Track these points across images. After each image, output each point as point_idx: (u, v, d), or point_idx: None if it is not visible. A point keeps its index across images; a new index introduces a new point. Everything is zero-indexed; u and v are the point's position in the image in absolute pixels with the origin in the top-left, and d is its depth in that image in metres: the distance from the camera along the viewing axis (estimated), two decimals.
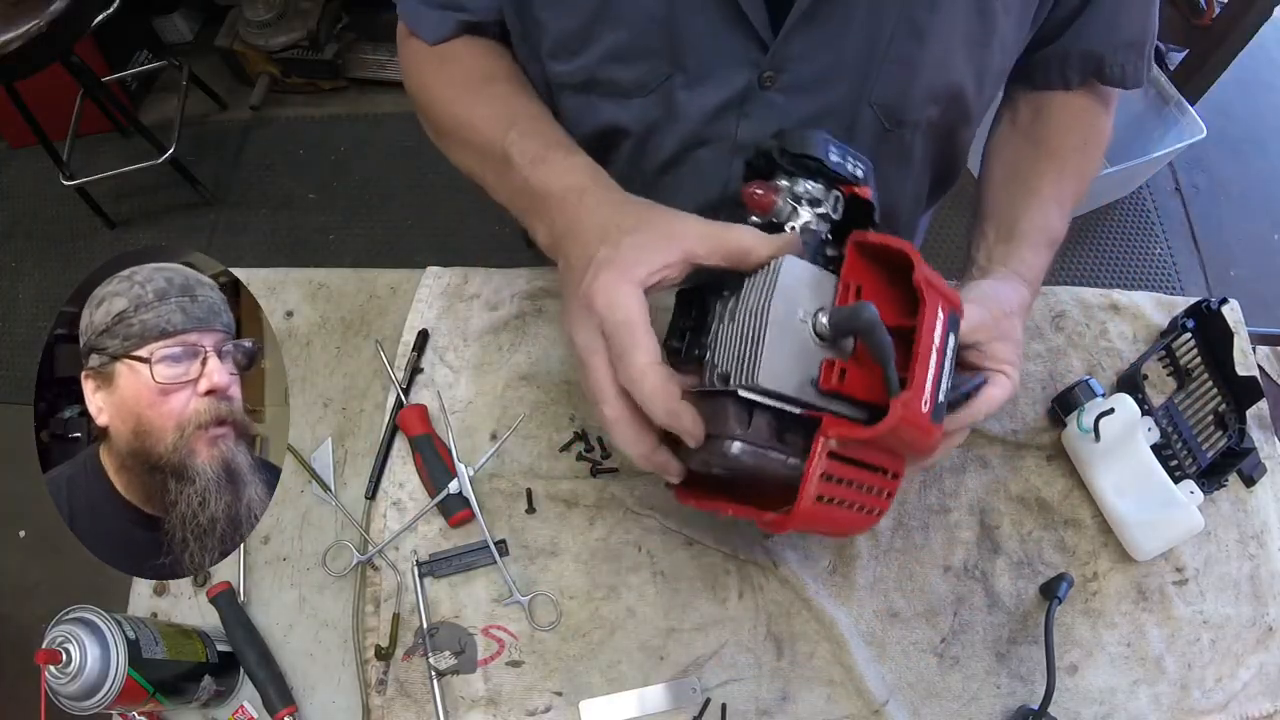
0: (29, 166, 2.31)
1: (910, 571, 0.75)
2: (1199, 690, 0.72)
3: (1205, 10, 1.88)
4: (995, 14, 0.63)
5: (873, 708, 0.70)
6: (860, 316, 0.47)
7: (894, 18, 0.61)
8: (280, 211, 2.24)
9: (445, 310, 0.87)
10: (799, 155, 0.55)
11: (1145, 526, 0.74)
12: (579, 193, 0.59)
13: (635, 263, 0.52)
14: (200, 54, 2.41)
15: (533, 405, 0.82)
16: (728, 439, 0.52)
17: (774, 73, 0.65)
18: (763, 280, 0.52)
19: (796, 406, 0.53)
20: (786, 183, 0.56)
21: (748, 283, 0.54)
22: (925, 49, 0.63)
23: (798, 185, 0.56)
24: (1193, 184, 2.20)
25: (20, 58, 1.64)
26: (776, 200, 0.56)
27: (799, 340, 0.51)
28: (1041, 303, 0.88)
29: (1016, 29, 0.67)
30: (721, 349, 0.54)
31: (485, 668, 0.71)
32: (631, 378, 0.51)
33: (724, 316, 0.55)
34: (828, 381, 0.51)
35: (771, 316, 0.50)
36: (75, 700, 0.58)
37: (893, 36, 0.62)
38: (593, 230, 0.56)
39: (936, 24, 0.62)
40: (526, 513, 0.77)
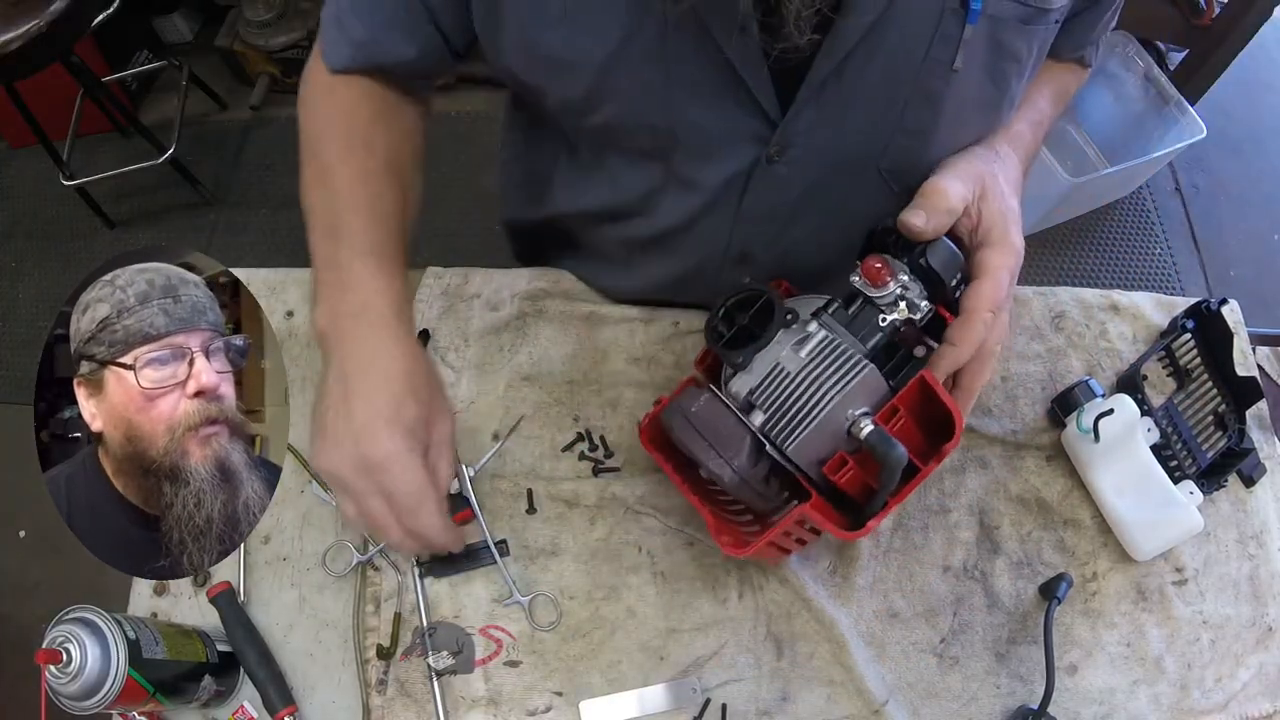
0: (29, 166, 2.31)
1: (910, 572, 0.75)
2: (1199, 690, 0.72)
3: (1205, 10, 1.87)
4: (1008, 78, 0.62)
5: (873, 708, 0.70)
6: (891, 455, 0.54)
7: (908, 89, 0.59)
8: (280, 211, 2.24)
9: (446, 310, 0.87)
10: (930, 270, 0.59)
11: (1145, 526, 0.74)
12: (373, 315, 0.61)
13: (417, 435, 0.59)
14: (200, 54, 2.41)
15: (534, 405, 0.82)
16: (730, 464, 0.58)
17: (781, 147, 0.62)
18: (842, 367, 0.58)
19: (795, 470, 0.60)
20: (905, 277, 0.60)
21: (827, 340, 0.59)
22: (939, 118, 0.61)
23: (911, 289, 0.60)
24: (1193, 184, 2.20)
25: (20, 58, 1.64)
26: (889, 284, 0.59)
27: (833, 428, 0.58)
28: (1041, 303, 0.88)
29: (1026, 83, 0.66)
30: (770, 388, 0.59)
31: (485, 667, 0.71)
32: (420, 528, 0.60)
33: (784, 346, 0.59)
34: (832, 471, 0.58)
35: (829, 410, 0.57)
36: (75, 700, 0.58)
37: (906, 105, 0.60)
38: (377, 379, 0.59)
39: (951, 93, 0.59)
40: (527, 513, 0.77)
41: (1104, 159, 2.09)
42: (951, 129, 0.63)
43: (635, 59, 0.58)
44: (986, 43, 0.58)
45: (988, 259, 0.60)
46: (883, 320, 0.59)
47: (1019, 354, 0.85)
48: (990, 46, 0.58)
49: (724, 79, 0.58)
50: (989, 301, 0.58)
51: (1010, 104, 0.65)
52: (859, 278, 0.60)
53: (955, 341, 0.59)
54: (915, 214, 0.58)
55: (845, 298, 0.61)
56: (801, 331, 0.60)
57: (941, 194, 0.58)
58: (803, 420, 0.57)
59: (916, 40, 0.56)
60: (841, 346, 0.58)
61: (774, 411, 0.58)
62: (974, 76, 0.60)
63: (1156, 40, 2.14)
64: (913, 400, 0.59)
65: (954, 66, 0.57)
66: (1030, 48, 0.61)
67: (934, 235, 0.59)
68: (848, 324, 0.60)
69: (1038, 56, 0.63)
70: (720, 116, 0.61)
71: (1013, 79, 0.62)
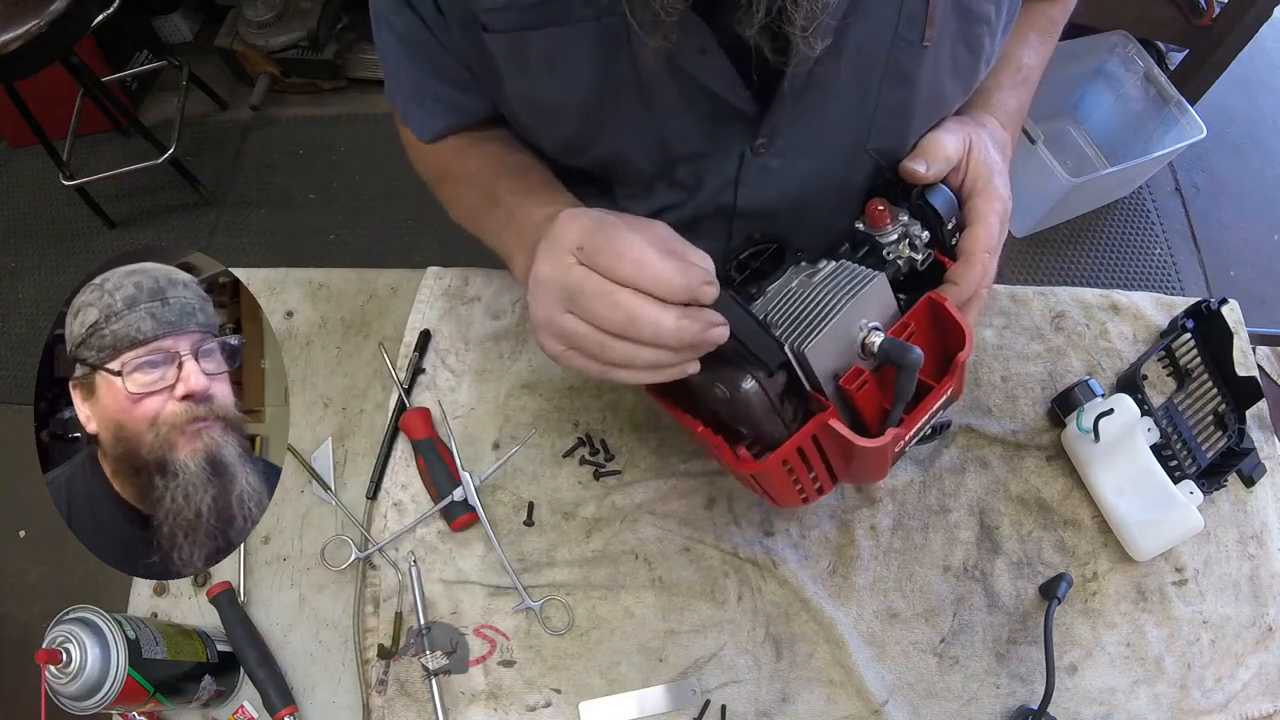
0: (29, 166, 2.31)
1: (910, 572, 0.75)
2: (1199, 690, 0.72)
3: (1205, 10, 1.87)
4: (981, 40, 0.63)
5: (872, 708, 0.70)
6: (908, 356, 0.55)
7: (879, 70, 0.60)
8: (280, 211, 2.24)
9: (447, 312, 0.87)
10: (929, 206, 0.62)
11: (1145, 526, 0.74)
12: (559, 213, 0.59)
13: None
14: (200, 54, 2.41)
15: (535, 414, 0.82)
16: (750, 375, 0.56)
17: (767, 140, 0.64)
18: (853, 278, 0.59)
19: (811, 385, 0.59)
20: (905, 218, 0.63)
21: (838, 265, 0.60)
22: (916, 92, 0.63)
23: (913, 226, 0.63)
24: (1193, 184, 2.20)
25: (20, 58, 1.64)
26: (890, 225, 0.62)
27: (848, 339, 0.58)
28: (1041, 303, 0.88)
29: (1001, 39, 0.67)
30: (784, 306, 0.60)
31: (483, 665, 0.71)
32: (634, 259, 0.49)
33: (796, 277, 0.61)
34: (849, 383, 0.57)
35: (844, 311, 0.57)
36: (75, 700, 0.58)
37: (881, 87, 0.62)
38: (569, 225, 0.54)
39: (924, 67, 0.61)
40: (525, 524, 0.77)
41: (1104, 159, 2.09)
42: (932, 100, 0.65)
43: (616, 96, 0.60)
44: (954, 11, 0.60)
45: (978, 206, 0.63)
46: (888, 256, 0.62)
47: (1019, 354, 0.85)
48: (959, 14, 0.60)
49: (701, 96, 0.60)
50: (984, 243, 0.62)
51: (987, 62, 0.67)
52: (862, 223, 0.63)
53: (957, 281, 0.62)
54: (917, 162, 0.62)
55: (851, 244, 0.64)
56: (812, 267, 0.62)
57: (940, 144, 0.62)
58: (817, 325, 0.57)
59: (883, 24, 0.58)
60: (851, 267, 0.60)
61: (791, 321, 0.58)
62: (946, 47, 0.62)
63: (1156, 40, 2.14)
64: (922, 320, 0.61)
65: (924, 43, 0.59)
66: (999, 6, 0.62)
67: (934, 180, 0.62)
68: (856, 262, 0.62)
69: (1009, 11, 0.64)
70: (708, 126, 0.63)
71: (985, 40, 0.64)
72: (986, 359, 0.85)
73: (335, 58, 2.31)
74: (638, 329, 0.50)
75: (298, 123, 2.38)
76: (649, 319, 0.49)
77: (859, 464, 0.59)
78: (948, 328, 0.60)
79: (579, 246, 0.51)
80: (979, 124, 0.68)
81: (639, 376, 0.53)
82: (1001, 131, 0.69)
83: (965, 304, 0.63)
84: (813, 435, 0.57)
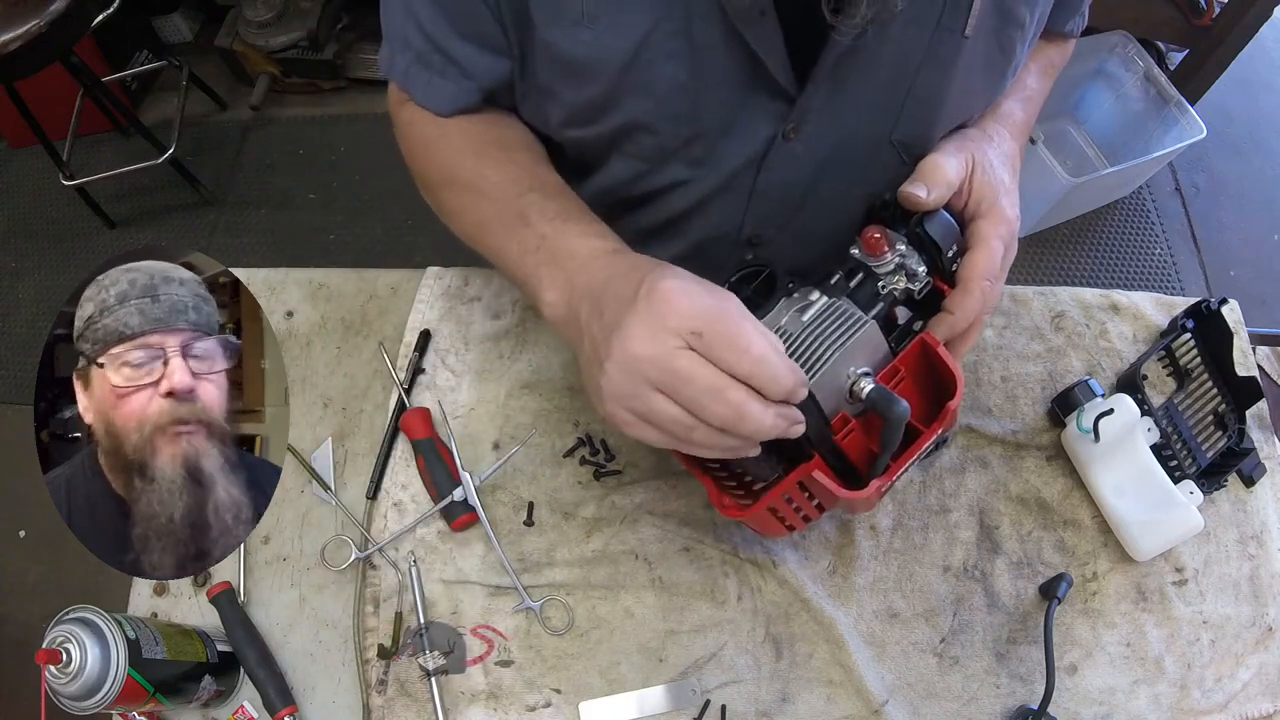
0: (29, 166, 2.31)
1: (910, 572, 0.75)
2: (1199, 690, 0.72)
3: (1205, 10, 1.87)
4: (1014, 44, 0.63)
5: (872, 708, 0.70)
6: (894, 409, 0.53)
7: (919, 56, 0.60)
8: (280, 211, 2.24)
9: (447, 312, 0.87)
10: (927, 235, 0.60)
11: (1145, 526, 0.74)
12: (609, 253, 0.57)
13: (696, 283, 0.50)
14: (200, 54, 2.41)
15: (535, 414, 0.82)
16: None
17: (796, 124, 0.63)
18: (843, 326, 0.57)
19: None
20: (902, 247, 0.61)
21: (829, 303, 0.58)
22: (950, 82, 0.62)
23: (909, 259, 0.61)
24: (1193, 184, 2.20)
25: (20, 58, 1.64)
26: (887, 254, 0.60)
27: (835, 387, 0.57)
28: (1041, 303, 0.88)
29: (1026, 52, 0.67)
30: None
31: (483, 665, 0.71)
32: (756, 357, 0.47)
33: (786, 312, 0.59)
34: (835, 431, 0.57)
35: (833, 361, 0.56)
36: (75, 700, 0.58)
37: (918, 73, 0.61)
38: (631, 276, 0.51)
39: (962, 57, 0.61)
40: (525, 524, 0.77)
41: (1104, 159, 2.09)
42: (961, 95, 0.64)
43: (658, 54, 0.58)
44: (994, 9, 0.60)
45: (980, 229, 0.61)
46: (882, 288, 0.60)
47: (1019, 354, 0.85)
48: (998, 13, 0.60)
49: (744, 63, 0.59)
50: (985, 271, 0.60)
51: (1014, 70, 0.67)
52: (858, 249, 0.61)
53: (953, 310, 0.60)
54: (917, 186, 0.60)
55: (845, 271, 0.62)
56: (804, 299, 0.60)
57: (940, 168, 0.60)
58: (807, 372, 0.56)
59: (929, 8, 0.57)
60: (843, 307, 0.58)
61: None
62: (982, 43, 0.61)
63: (1156, 40, 2.14)
64: (913, 363, 0.60)
65: (965, 34, 0.59)
66: (1033, 14, 0.62)
67: (934, 206, 0.60)
68: (848, 295, 0.61)
69: (1037, 25, 0.65)
70: (741, 100, 0.62)
71: (1018, 45, 0.64)
72: (986, 359, 0.85)
73: (335, 58, 2.31)
74: (738, 425, 0.48)
75: (298, 123, 2.38)
76: (754, 418, 0.48)
77: (846, 503, 0.59)
78: (940, 370, 0.59)
79: (696, 332, 0.47)
80: (986, 137, 0.66)
81: (703, 454, 0.52)
82: (1010, 142, 0.68)
83: (963, 333, 0.61)
84: (798, 482, 0.57)
